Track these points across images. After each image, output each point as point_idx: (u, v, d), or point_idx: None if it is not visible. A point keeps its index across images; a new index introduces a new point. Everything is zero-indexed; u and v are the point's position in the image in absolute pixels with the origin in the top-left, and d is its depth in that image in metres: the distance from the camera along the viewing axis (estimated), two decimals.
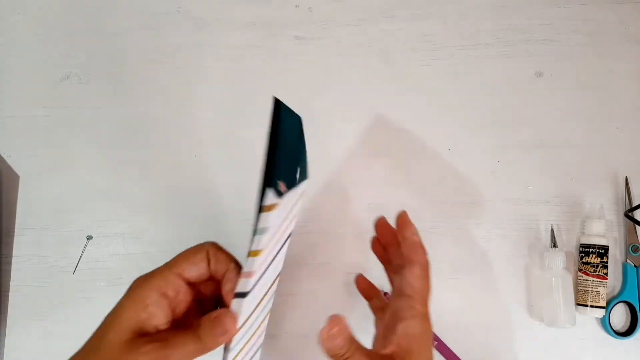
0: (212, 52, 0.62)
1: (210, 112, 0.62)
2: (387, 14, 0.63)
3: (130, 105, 0.62)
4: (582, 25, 0.61)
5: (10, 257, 0.59)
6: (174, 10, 0.63)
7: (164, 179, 0.61)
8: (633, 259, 0.57)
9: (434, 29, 0.62)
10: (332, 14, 0.63)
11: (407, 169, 0.60)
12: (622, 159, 0.59)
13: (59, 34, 0.63)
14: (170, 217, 0.59)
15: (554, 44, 0.61)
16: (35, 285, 0.58)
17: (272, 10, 0.63)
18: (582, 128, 0.60)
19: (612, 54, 0.61)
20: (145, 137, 0.61)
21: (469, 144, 0.60)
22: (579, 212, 0.59)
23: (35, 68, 0.63)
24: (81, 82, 0.62)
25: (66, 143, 0.61)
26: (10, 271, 0.58)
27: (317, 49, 0.62)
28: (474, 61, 0.61)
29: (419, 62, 0.61)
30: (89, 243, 0.59)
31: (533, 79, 0.61)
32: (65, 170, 0.60)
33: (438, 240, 0.59)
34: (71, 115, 0.61)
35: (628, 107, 0.60)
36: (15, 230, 0.59)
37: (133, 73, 0.62)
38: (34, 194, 0.60)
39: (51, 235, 0.59)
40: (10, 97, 0.62)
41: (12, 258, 0.59)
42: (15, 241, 0.59)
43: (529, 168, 0.60)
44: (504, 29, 0.62)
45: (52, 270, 0.58)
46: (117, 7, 0.64)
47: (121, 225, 0.59)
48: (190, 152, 0.61)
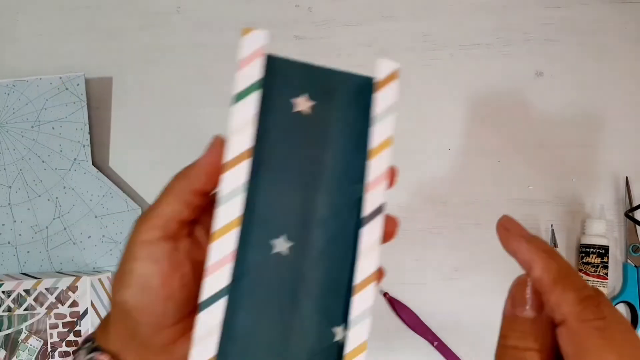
0: (212, 52, 0.62)
1: (210, 112, 0.62)
2: (387, 14, 0.63)
3: (129, 105, 0.62)
4: (582, 25, 0.61)
5: None
6: (174, 10, 0.63)
7: (164, 178, 0.61)
8: (633, 259, 0.57)
9: (434, 29, 0.62)
10: (332, 14, 0.63)
11: (407, 169, 0.60)
12: (623, 159, 0.59)
13: (59, 33, 0.63)
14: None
15: (554, 43, 0.61)
16: None
17: (272, 10, 0.63)
18: (582, 128, 0.60)
19: (612, 54, 0.61)
20: (145, 137, 0.61)
21: (469, 144, 0.60)
22: (579, 212, 0.59)
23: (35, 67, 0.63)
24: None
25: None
26: None
27: (317, 49, 0.62)
28: (474, 61, 0.61)
29: (419, 62, 0.61)
30: None
31: (533, 78, 0.61)
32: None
33: (438, 241, 0.59)
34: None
35: (628, 107, 0.60)
36: None
37: (132, 73, 0.62)
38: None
39: None
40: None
41: None
42: None
43: (529, 168, 0.60)
44: (504, 29, 0.62)
45: None
46: (117, 7, 0.64)
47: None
48: (190, 153, 0.61)
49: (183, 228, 0.27)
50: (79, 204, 0.60)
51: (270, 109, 0.26)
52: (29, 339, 0.55)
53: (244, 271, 0.25)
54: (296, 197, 0.26)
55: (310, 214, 0.26)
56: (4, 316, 0.54)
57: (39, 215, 0.60)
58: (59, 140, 0.61)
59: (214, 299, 0.24)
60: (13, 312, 0.54)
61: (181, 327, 0.27)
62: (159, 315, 0.26)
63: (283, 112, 0.26)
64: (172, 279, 0.26)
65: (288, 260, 0.26)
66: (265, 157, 0.26)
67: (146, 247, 0.26)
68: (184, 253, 0.27)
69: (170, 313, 0.27)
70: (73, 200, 0.60)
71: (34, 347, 0.55)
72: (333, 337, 0.26)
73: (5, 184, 0.61)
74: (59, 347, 0.54)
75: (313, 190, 0.26)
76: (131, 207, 0.60)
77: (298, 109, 0.26)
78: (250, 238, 0.25)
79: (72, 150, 0.60)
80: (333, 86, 0.27)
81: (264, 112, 0.26)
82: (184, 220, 0.27)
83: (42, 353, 0.55)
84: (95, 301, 0.56)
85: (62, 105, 0.61)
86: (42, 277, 0.55)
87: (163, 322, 0.27)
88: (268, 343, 0.25)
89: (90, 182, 0.60)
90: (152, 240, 0.26)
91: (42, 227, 0.60)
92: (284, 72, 0.27)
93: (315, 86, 0.27)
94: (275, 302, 0.25)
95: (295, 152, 0.26)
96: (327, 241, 0.26)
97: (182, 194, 0.27)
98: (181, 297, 0.27)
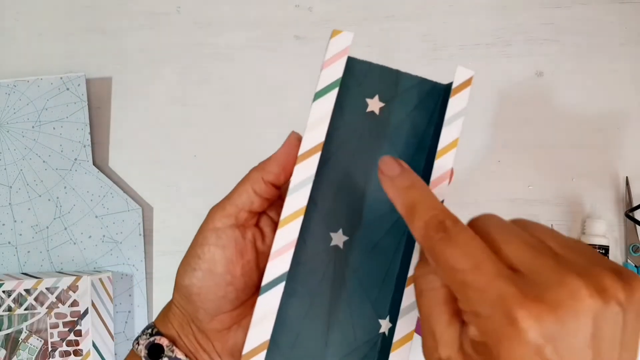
0: (212, 52, 0.62)
1: (210, 111, 0.62)
2: (387, 14, 0.63)
3: (130, 105, 0.62)
4: (582, 25, 0.61)
5: None
6: (174, 10, 0.63)
7: (164, 178, 0.61)
8: (634, 259, 0.57)
9: (434, 29, 0.62)
10: (332, 14, 0.63)
11: None
12: (623, 159, 0.59)
13: (59, 33, 0.63)
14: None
15: (554, 43, 0.61)
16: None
17: (272, 10, 0.63)
18: (582, 128, 0.60)
19: (612, 54, 0.61)
20: (145, 136, 0.61)
21: (469, 144, 0.60)
22: (580, 212, 0.59)
23: (35, 67, 0.63)
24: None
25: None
26: None
27: (317, 49, 0.62)
28: (475, 61, 0.61)
29: (419, 62, 0.61)
30: None
31: (534, 78, 0.61)
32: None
33: None
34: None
35: (629, 107, 0.60)
36: None
37: (133, 73, 0.62)
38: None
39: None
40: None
41: None
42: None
43: (530, 168, 0.60)
44: (504, 29, 0.62)
45: None
46: (117, 7, 0.64)
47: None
48: (189, 153, 0.61)
49: (252, 218, 0.29)
50: (80, 203, 0.60)
51: (345, 107, 0.28)
52: (29, 339, 0.55)
53: (301, 260, 0.27)
54: (356, 193, 0.28)
55: (368, 210, 0.28)
56: (5, 316, 0.54)
57: (39, 215, 0.60)
58: (59, 140, 0.61)
59: (274, 284, 0.25)
60: (13, 311, 0.54)
61: (236, 315, 0.29)
62: (219, 300, 0.28)
63: (357, 111, 0.28)
64: (235, 265, 0.28)
65: (342, 253, 0.27)
66: (334, 152, 0.27)
67: (216, 233, 0.28)
68: (249, 242, 0.28)
69: (230, 299, 0.28)
70: (74, 200, 0.60)
71: (34, 347, 0.55)
72: (379, 329, 0.27)
73: (5, 183, 0.61)
74: (59, 346, 0.54)
75: (371, 187, 0.28)
76: (132, 206, 0.60)
77: (370, 109, 0.28)
78: (312, 228, 0.27)
79: (73, 150, 0.61)
80: (402, 89, 0.28)
81: (340, 110, 0.28)
82: (254, 211, 0.29)
83: (43, 353, 0.55)
84: (96, 301, 0.56)
85: (63, 105, 0.61)
86: (42, 277, 0.55)
87: (222, 307, 0.28)
88: (316, 331, 0.26)
89: (91, 182, 0.60)
90: (223, 227, 0.28)
91: (42, 227, 0.60)
92: (361, 73, 0.29)
93: (386, 88, 0.28)
94: (327, 292, 0.27)
95: (362, 149, 0.28)
96: (380, 236, 0.28)
97: (256, 184, 0.28)
98: (241, 284, 0.28)
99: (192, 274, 0.28)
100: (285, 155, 0.28)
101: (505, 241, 0.21)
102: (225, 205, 0.28)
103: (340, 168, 0.28)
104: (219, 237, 0.28)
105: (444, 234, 0.22)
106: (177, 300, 0.29)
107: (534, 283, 0.19)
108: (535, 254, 0.20)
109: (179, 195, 0.60)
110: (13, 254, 0.60)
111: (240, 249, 0.28)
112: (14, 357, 0.55)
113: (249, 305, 0.29)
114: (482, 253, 0.20)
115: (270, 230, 0.30)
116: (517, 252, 0.20)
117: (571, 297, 0.18)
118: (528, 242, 0.20)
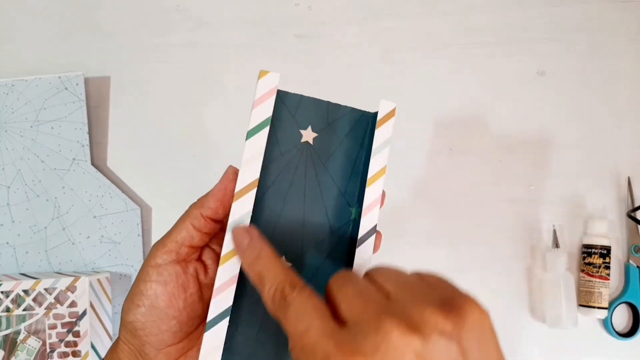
0: (211, 51, 0.62)
1: (210, 111, 0.61)
2: (388, 12, 0.62)
3: (128, 105, 0.62)
4: (584, 24, 0.61)
5: None
6: (173, 9, 0.63)
7: (163, 178, 0.60)
8: (635, 260, 0.57)
9: (436, 28, 0.62)
10: (332, 12, 0.62)
11: (408, 168, 0.60)
12: (625, 159, 0.59)
13: (58, 33, 0.63)
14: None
15: (556, 42, 0.61)
16: None
17: (271, 9, 0.63)
18: (584, 127, 0.60)
19: (614, 53, 0.60)
20: (144, 136, 0.61)
21: (470, 144, 0.60)
22: (582, 213, 0.58)
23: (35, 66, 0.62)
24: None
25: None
26: None
27: (317, 48, 0.62)
28: (476, 60, 0.61)
29: (420, 61, 0.61)
30: None
31: (535, 77, 0.61)
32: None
33: (439, 241, 0.58)
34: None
35: (631, 107, 0.60)
36: None
37: (131, 72, 0.62)
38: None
39: None
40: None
41: None
42: None
43: (531, 168, 0.59)
44: (506, 28, 0.61)
45: None
46: (116, 6, 0.63)
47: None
48: (189, 152, 0.61)
49: (194, 252, 0.30)
50: (78, 204, 0.60)
51: (281, 140, 0.29)
52: (27, 339, 0.55)
53: (246, 292, 0.28)
54: (296, 220, 0.29)
55: (308, 235, 0.29)
56: (3, 316, 0.54)
57: (37, 215, 0.60)
58: (57, 140, 0.60)
59: (219, 319, 0.26)
60: (12, 312, 0.54)
61: (182, 347, 0.30)
62: (164, 334, 0.29)
63: (292, 143, 0.29)
64: (178, 299, 0.29)
65: None
66: (272, 183, 0.29)
67: (157, 270, 0.29)
68: (191, 276, 0.29)
69: (174, 332, 0.29)
70: (72, 200, 0.60)
71: (32, 348, 0.55)
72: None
73: (3, 183, 0.60)
74: (57, 347, 0.54)
75: (311, 214, 0.29)
76: (130, 207, 0.60)
77: (304, 139, 0.30)
78: None
79: (71, 150, 0.60)
80: (332, 119, 0.30)
81: (275, 142, 0.29)
82: (195, 246, 0.29)
83: (41, 353, 0.55)
84: (94, 301, 0.56)
85: (61, 104, 0.61)
86: (40, 278, 0.55)
87: (167, 340, 0.29)
88: (268, 350, 0.28)
89: (89, 182, 0.60)
90: (164, 264, 0.29)
91: (40, 228, 0.60)
92: (293, 106, 0.30)
93: (318, 119, 0.30)
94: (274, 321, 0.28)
95: (299, 179, 0.29)
96: (322, 260, 0.30)
97: (195, 220, 0.29)
98: (184, 317, 0.29)
99: (135, 310, 0.28)
100: (222, 190, 0.29)
101: (341, 295, 0.22)
102: (165, 241, 0.29)
103: (279, 199, 0.29)
104: (160, 274, 0.28)
105: (283, 301, 0.23)
106: (123, 336, 0.30)
107: (354, 334, 0.20)
108: (364, 304, 0.21)
109: (177, 195, 0.60)
110: (11, 254, 0.60)
111: (182, 283, 0.29)
112: (12, 358, 0.54)
113: (195, 336, 0.30)
114: (314, 314, 0.21)
115: (212, 262, 0.30)
116: (348, 305, 0.21)
117: (384, 341, 0.19)
118: (361, 293, 0.22)
